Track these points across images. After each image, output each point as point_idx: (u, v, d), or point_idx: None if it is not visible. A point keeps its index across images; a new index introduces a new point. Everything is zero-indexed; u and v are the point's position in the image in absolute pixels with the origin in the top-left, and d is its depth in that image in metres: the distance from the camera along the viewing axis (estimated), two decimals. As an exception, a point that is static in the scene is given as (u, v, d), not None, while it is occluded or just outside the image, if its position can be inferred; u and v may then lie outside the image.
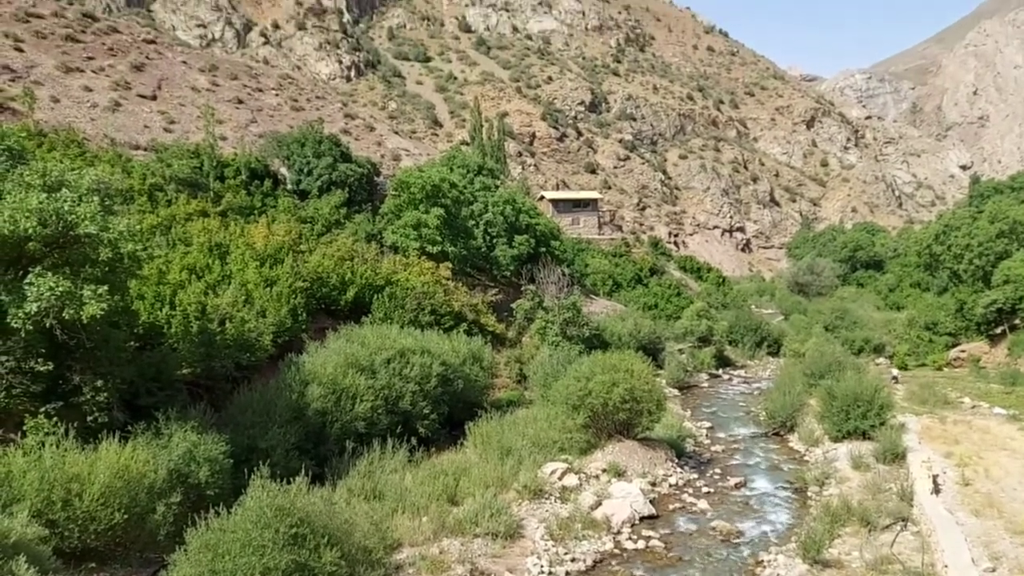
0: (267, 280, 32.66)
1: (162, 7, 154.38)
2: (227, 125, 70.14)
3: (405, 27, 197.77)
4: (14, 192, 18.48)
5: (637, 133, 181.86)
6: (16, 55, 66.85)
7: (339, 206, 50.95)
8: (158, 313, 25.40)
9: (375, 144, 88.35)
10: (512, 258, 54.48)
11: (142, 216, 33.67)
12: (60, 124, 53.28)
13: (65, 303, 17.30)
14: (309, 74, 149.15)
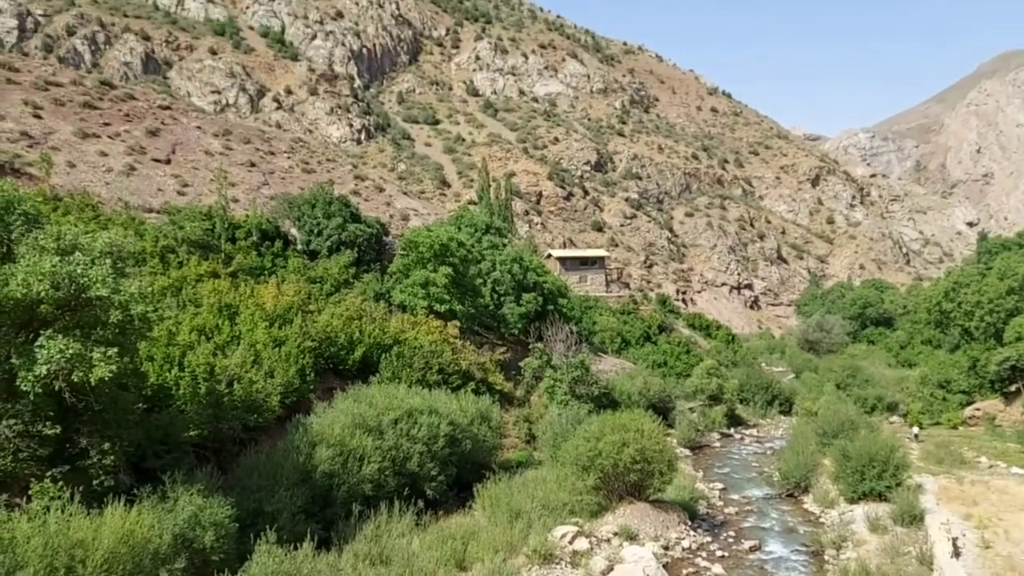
0: (276, 340, 32.73)
1: (178, 74, 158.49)
2: (239, 188, 71.29)
3: (415, 91, 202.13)
4: (28, 256, 18.73)
5: (643, 192, 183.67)
6: (35, 122, 68.57)
7: (348, 266, 51.38)
8: (167, 375, 25.42)
9: (384, 204, 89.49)
10: (520, 316, 54.52)
11: (153, 278, 34.00)
12: (75, 188, 54.27)
13: (75, 365, 17.36)
14: (320, 137, 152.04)
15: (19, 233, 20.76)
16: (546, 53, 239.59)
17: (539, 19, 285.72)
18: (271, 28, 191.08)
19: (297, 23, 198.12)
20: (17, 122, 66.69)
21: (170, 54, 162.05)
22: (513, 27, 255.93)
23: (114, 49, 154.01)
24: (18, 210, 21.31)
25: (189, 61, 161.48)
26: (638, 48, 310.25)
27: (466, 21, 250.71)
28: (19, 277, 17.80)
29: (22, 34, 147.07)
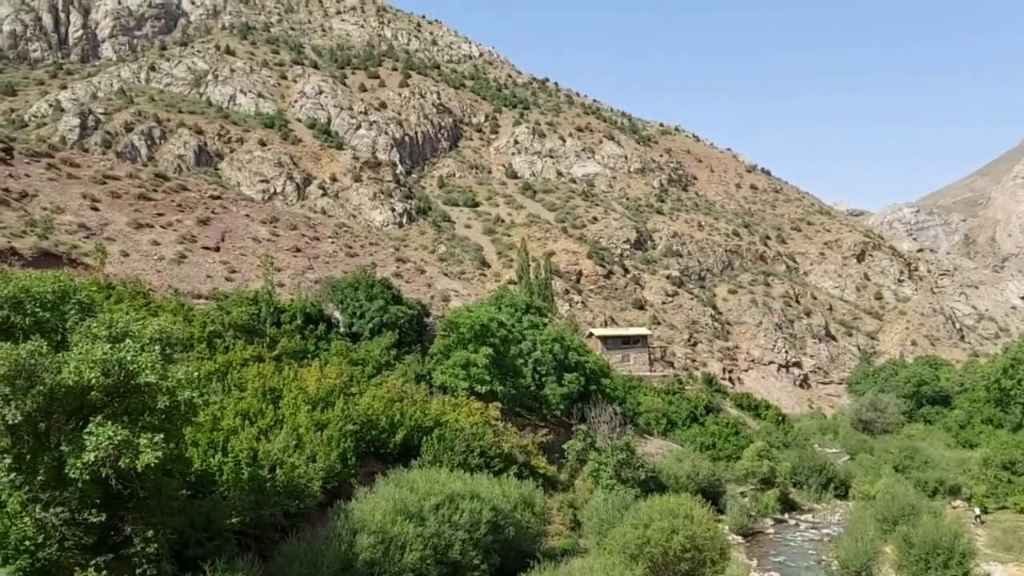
0: (318, 424, 32.73)
1: (229, 165, 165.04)
2: (285, 272, 72.87)
3: (455, 175, 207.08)
4: (81, 344, 19.18)
5: (684, 269, 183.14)
6: (92, 214, 71.57)
7: (389, 347, 51.66)
8: (211, 460, 25.47)
9: (425, 286, 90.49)
10: (562, 397, 53.85)
11: (200, 363, 34.50)
12: (129, 276, 56.03)
13: (122, 452, 17.50)
14: (364, 222, 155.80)
15: (73, 322, 21.36)
16: (583, 136, 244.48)
17: (576, 103, 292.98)
18: (318, 120, 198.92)
19: (342, 114, 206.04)
20: (76, 215, 69.66)
21: (222, 146, 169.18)
22: (551, 112, 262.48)
23: (169, 143, 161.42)
24: (73, 299, 21.99)
25: (239, 153, 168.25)
26: (675, 129, 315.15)
27: (505, 107, 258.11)
28: (71, 365, 18.20)
29: (83, 132, 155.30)
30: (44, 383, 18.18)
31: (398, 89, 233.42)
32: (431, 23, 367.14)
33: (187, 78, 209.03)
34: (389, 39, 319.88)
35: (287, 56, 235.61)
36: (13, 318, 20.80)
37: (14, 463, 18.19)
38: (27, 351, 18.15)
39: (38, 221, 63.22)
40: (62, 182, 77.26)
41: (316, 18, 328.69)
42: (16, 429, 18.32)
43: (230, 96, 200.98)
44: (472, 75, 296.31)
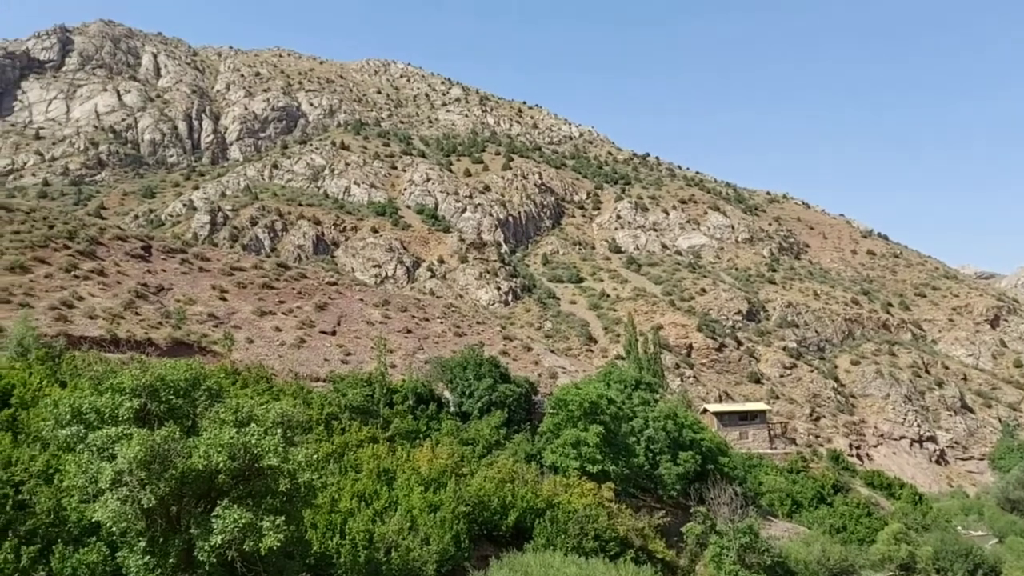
0: (431, 505, 32.78)
1: (343, 252, 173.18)
2: (397, 353, 74.75)
3: (558, 252, 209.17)
4: (210, 429, 20.17)
5: (801, 340, 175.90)
6: (220, 303, 76.21)
7: (499, 427, 51.62)
8: (329, 542, 25.85)
9: (532, 363, 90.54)
10: (678, 476, 51.97)
11: (319, 445, 35.48)
12: (253, 362, 58.87)
13: (246, 535, 18.03)
14: (470, 301, 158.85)
15: (203, 408, 22.54)
16: (687, 207, 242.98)
17: (678, 176, 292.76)
18: (425, 206, 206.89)
19: (449, 199, 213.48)
20: (206, 305, 74.34)
21: (337, 235, 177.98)
22: (652, 186, 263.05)
23: (290, 234, 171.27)
24: (203, 386, 23.27)
25: (354, 240, 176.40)
26: (782, 196, 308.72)
27: (606, 184, 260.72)
28: (201, 449, 19.12)
29: (213, 227, 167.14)
30: (176, 467, 19.14)
31: (501, 172, 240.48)
32: (531, 108, 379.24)
33: (306, 173, 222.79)
34: (492, 125, 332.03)
35: (397, 148, 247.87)
36: (149, 405, 22.16)
37: (148, 546, 19.06)
38: (161, 437, 19.22)
39: (172, 312, 67.78)
40: (194, 275, 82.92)
41: (423, 111, 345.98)
42: (150, 512, 19.25)
43: (345, 188, 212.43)
44: (573, 154, 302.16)
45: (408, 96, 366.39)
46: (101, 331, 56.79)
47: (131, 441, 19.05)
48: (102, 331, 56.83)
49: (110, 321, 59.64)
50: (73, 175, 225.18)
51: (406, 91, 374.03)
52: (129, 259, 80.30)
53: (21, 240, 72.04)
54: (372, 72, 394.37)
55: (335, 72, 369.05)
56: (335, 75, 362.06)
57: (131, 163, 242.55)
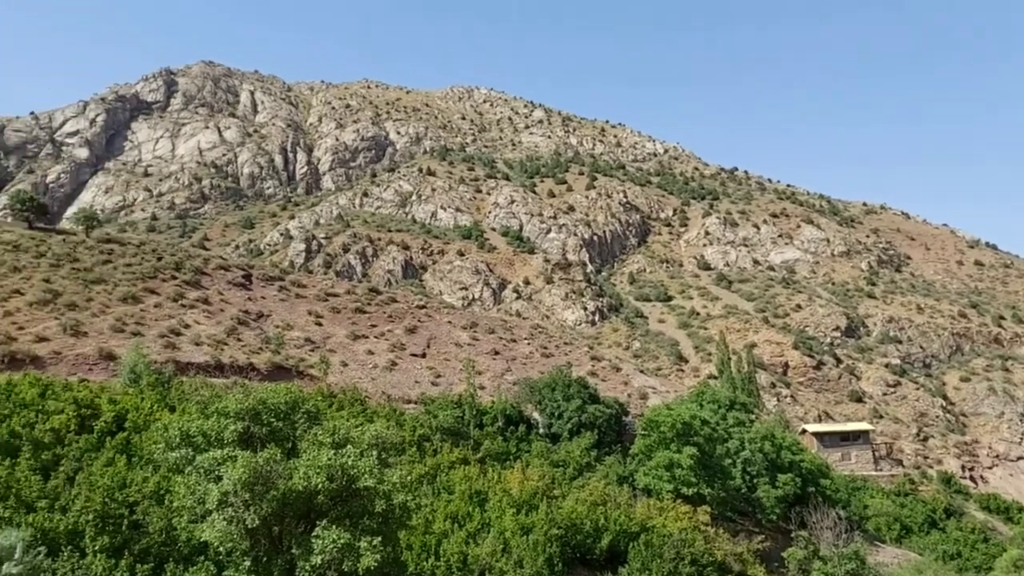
0: (523, 528, 32.67)
1: (431, 276, 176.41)
2: (485, 375, 75.28)
3: (645, 271, 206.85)
4: (309, 451, 20.77)
5: (905, 356, 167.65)
6: (316, 328, 78.69)
7: (589, 448, 51.16)
8: (424, 564, 26.10)
9: (621, 384, 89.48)
10: (777, 499, 50.15)
11: (412, 466, 36.00)
12: (347, 385, 60.44)
13: (345, 555, 18.41)
14: (557, 322, 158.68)
15: (302, 430, 23.24)
16: (778, 221, 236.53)
17: (768, 190, 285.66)
18: (510, 228, 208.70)
19: (533, 220, 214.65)
20: (303, 330, 76.89)
21: (425, 259, 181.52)
22: (742, 200, 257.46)
23: (380, 260, 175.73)
24: (302, 409, 24.01)
25: (441, 264, 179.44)
26: (880, 207, 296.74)
27: (693, 200, 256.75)
28: (301, 471, 19.69)
29: (308, 255, 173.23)
30: (278, 488, 19.77)
31: (585, 192, 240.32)
32: (614, 127, 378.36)
33: (394, 200, 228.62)
34: (575, 146, 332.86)
35: (481, 171, 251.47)
36: (252, 428, 23.01)
37: (252, 565, 19.70)
38: (263, 459, 19.91)
39: (272, 338, 70.40)
40: (291, 301, 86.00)
41: (506, 134, 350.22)
42: (254, 533, 19.92)
43: (432, 213, 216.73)
44: (658, 171, 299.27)
45: (491, 120, 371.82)
46: (206, 357, 59.51)
47: (236, 463, 19.80)
48: (207, 357, 59.54)
49: (214, 347, 62.44)
50: (179, 209, 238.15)
51: (489, 116, 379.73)
52: (231, 287, 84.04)
53: (133, 272, 76.51)
54: (456, 99, 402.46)
55: (421, 100, 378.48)
56: (421, 103, 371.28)
57: (231, 196, 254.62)
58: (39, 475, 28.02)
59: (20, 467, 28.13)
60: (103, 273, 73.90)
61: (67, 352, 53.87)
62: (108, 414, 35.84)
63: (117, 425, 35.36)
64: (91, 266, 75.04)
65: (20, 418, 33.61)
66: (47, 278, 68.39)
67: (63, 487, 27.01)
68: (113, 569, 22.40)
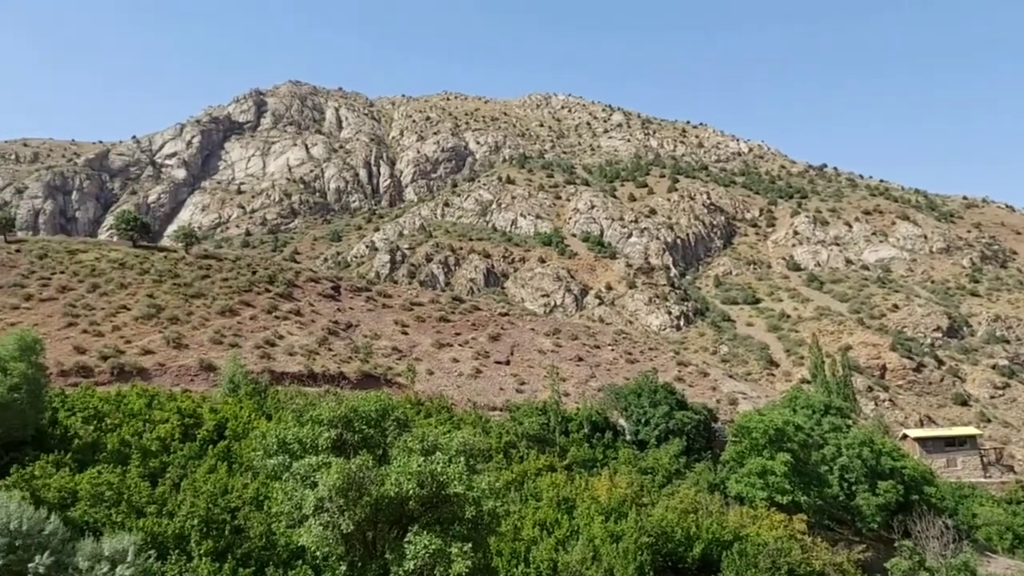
0: (612, 535, 32.36)
1: (513, 283, 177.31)
2: (569, 382, 75.02)
3: (731, 273, 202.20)
4: (399, 457, 21.15)
5: (1014, 357, 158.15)
6: (402, 337, 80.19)
7: (678, 455, 50.27)
8: (514, 570, 26.16)
9: (709, 389, 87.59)
10: (877, 507, 48.04)
11: (499, 473, 36.19)
12: (434, 392, 61.30)
13: (437, 560, 18.65)
14: (641, 327, 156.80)
15: (392, 437, 23.70)
16: (872, 219, 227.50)
17: (860, 186, 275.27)
18: (591, 233, 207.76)
19: (614, 225, 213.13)
20: (390, 339, 78.50)
21: (506, 267, 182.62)
22: (831, 198, 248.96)
23: (462, 268, 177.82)
24: (392, 416, 24.49)
25: (522, 271, 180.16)
26: (982, 200, 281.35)
27: (780, 200, 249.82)
28: (392, 477, 20.07)
29: (393, 266, 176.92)
30: (371, 494, 20.21)
31: (667, 194, 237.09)
32: (696, 127, 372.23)
33: (475, 209, 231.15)
34: (655, 148, 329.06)
35: (560, 178, 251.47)
36: (345, 435, 23.62)
37: (348, 570, 20.19)
38: (356, 465, 20.40)
39: (360, 347, 72.14)
40: (378, 311, 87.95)
41: (585, 140, 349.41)
42: (349, 538, 20.41)
43: (512, 221, 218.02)
44: (742, 171, 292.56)
45: (570, 126, 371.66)
46: (299, 367, 61.47)
47: (330, 469, 20.36)
48: (300, 367, 61.49)
49: (307, 357, 64.43)
50: (270, 224, 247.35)
51: (567, 121, 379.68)
52: (321, 299, 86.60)
53: (229, 286, 79.81)
54: (534, 106, 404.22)
55: (499, 110, 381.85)
56: (499, 112, 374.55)
57: (319, 210, 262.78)
58: (148, 481, 29.50)
59: (130, 474, 29.68)
60: (202, 288, 77.38)
61: (170, 364, 56.59)
62: (210, 423, 37.45)
63: (218, 433, 36.90)
64: (191, 281, 78.69)
65: (129, 427, 35.49)
66: (151, 293, 72.09)
67: (170, 493, 28.34)
68: (217, 572, 23.34)
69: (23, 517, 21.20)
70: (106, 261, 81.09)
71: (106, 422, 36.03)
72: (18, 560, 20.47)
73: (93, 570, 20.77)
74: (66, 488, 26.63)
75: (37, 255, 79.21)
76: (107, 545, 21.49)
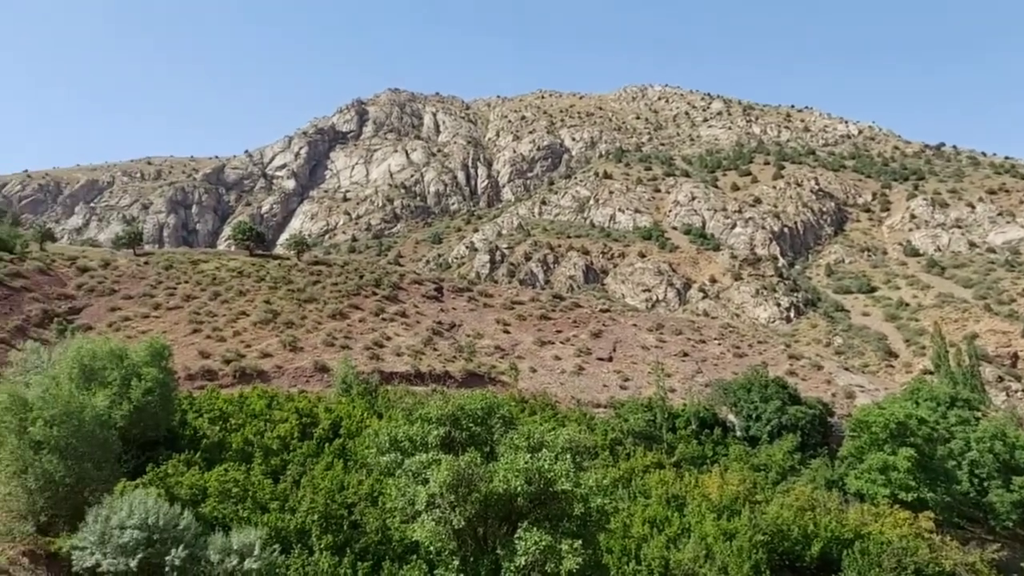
0: (725, 533, 31.69)
1: (613, 279, 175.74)
2: (675, 378, 73.81)
3: (844, 261, 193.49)
4: (506, 454, 21.43)
5: None
6: (504, 336, 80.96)
7: (792, 451, 48.66)
8: (625, 568, 26.02)
9: (824, 383, 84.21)
10: (1012, 504, 45.07)
11: (606, 470, 36.04)
12: (537, 390, 61.61)
13: (547, 557, 18.79)
14: (748, 320, 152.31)
15: (499, 434, 24.02)
16: (997, 199, 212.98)
17: (983, 164, 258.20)
18: (692, 225, 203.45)
19: (717, 216, 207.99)
20: (492, 338, 79.41)
21: (606, 263, 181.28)
22: (951, 178, 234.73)
23: (561, 266, 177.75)
24: (497, 414, 24.82)
25: (622, 267, 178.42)
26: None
27: (894, 182, 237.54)
28: (500, 474, 20.36)
29: (493, 266, 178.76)
30: (479, 491, 20.58)
31: (772, 182, 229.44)
32: (800, 111, 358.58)
33: (572, 206, 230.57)
34: (758, 135, 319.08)
35: (659, 170, 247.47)
36: (453, 433, 24.13)
37: (461, 565, 20.63)
38: (465, 462, 20.82)
39: (464, 347, 73.35)
40: (480, 311, 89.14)
41: (684, 130, 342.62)
42: (460, 533, 20.86)
43: (610, 216, 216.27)
44: (852, 154, 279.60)
45: (667, 117, 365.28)
46: (407, 367, 63.07)
47: (440, 466, 20.86)
48: (407, 367, 63.08)
49: (413, 357, 66.03)
50: (375, 229, 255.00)
51: (665, 112, 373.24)
52: (425, 300, 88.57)
53: (339, 290, 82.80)
54: (630, 99, 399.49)
55: (594, 105, 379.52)
56: (594, 107, 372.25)
57: (420, 214, 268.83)
58: (270, 478, 31.02)
59: (254, 471, 31.28)
60: (314, 293, 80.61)
61: (287, 366, 59.21)
62: (325, 422, 39.01)
63: (333, 432, 38.39)
64: (303, 287, 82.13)
65: (252, 427, 37.41)
66: (267, 299, 75.66)
67: (291, 490, 29.70)
68: (337, 566, 24.30)
69: (159, 513, 22.74)
70: (225, 270, 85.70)
71: (230, 422, 38.12)
72: (156, 553, 21.96)
73: (223, 563, 22.04)
74: (196, 485, 28.34)
75: (163, 266, 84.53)
76: (235, 539, 22.77)
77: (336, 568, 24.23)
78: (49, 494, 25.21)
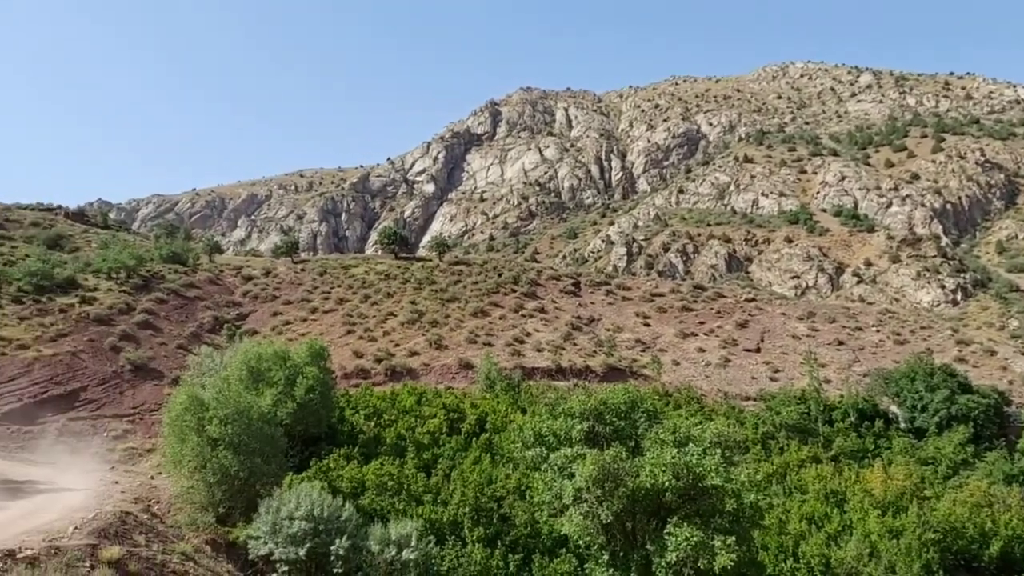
0: (891, 530, 29.80)
1: (757, 267, 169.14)
2: (829, 368, 70.22)
3: (1017, 237, 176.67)
4: (652, 449, 21.18)
5: None
6: (644, 329, 79.90)
7: (964, 444, 45.07)
8: (782, 565, 25.09)
9: (998, 369, 77.36)
10: None
11: (758, 465, 34.82)
12: (681, 383, 60.43)
13: (699, 553, 18.43)
14: (909, 304, 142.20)
15: (643, 429, 23.78)
16: None
17: None
18: (843, 206, 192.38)
19: (870, 195, 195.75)
20: (631, 332, 78.60)
21: (749, 250, 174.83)
22: None
23: (701, 256, 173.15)
24: (641, 408, 24.56)
25: (767, 253, 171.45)
26: None
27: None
28: (647, 469, 20.15)
29: (630, 258, 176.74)
30: (626, 485, 20.45)
31: (931, 156, 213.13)
32: (961, 78, 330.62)
33: (711, 193, 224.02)
34: (913, 107, 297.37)
35: (804, 151, 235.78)
36: (596, 427, 24.11)
37: (611, 559, 20.61)
38: (610, 457, 20.75)
39: (603, 341, 73.03)
40: (618, 305, 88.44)
41: (830, 107, 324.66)
42: (609, 528, 20.82)
43: (752, 201, 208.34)
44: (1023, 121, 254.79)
45: (811, 95, 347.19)
46: (547, 362, 63.59)
47: (585, 461, 20.91)
48: (548, 362, 63.59)
49: (553, 352, 66.46)
50: (511, 228, 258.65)
51: (808, 90, 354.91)
52: (563, 296, 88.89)
53: (479, 288, 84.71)
54: (769, 79, 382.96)
55: (731, 87, 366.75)
56: (731, 90, 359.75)
57: (555, 210, 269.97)
58: (422, 472, 32.22)
59: (407, 465, 32.60)
60: (455, 292, 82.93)
61: (433, 363, 61.25)
62: (471, 417, 40.06)
63: (479, 427, 39.36)
64: (446, 287, 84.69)
65: (403, 423, 39.02)
66: (413, 300, 78.59)
67: (442, 483, 30.73)
68: (489, 558, 24.92)
69: (324, 505, 24.18)
70: (374, 273, 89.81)
71: (384, 418, 39.93)
72: (322, 543, 23.38)
73: (383, 553, 23.14)
74: (355, 479, 29.89)
75: (318, 272, 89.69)
76: (393, 530, 23.85)
77: (488, 560, 24.84)
78: (226, 487, 27.42)
